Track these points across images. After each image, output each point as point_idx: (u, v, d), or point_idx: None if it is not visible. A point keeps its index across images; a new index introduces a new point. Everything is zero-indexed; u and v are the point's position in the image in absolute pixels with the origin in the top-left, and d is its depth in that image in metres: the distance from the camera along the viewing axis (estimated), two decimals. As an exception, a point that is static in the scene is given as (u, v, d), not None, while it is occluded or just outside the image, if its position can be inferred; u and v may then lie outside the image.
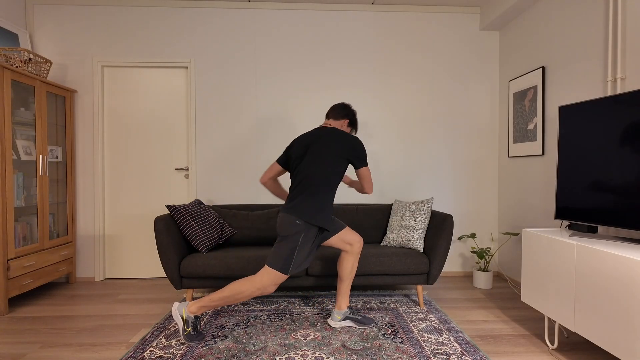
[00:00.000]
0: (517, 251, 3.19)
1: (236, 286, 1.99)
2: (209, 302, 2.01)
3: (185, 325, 2.04)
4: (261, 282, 1.98)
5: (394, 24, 3.46)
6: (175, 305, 2.06)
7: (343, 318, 2.29)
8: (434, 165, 3.50)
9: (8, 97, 2.56)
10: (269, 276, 1.98)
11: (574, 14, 2.54)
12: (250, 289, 1.98)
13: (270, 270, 1.98)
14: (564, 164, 2.15)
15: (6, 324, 2.40)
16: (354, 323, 2.29)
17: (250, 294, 1.99)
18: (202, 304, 2.02)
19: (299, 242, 1.98)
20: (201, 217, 2.67)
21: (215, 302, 2.01)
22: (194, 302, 2.05)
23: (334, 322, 2.29)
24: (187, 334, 2.05)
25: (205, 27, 3.38)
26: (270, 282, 1.99)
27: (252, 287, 1.98)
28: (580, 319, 1.77)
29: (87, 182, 3.36)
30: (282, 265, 1.97)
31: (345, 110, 2.28)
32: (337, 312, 2.30)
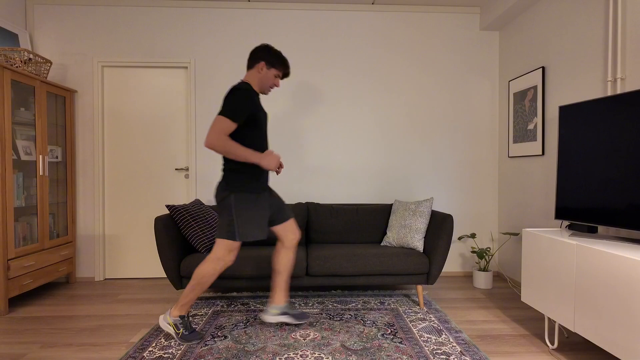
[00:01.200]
0: (517, 251, 3.19)
1: (198, 271, 2.03)
2: (184, 298, 2.06)
3: (175, 329, 2.07)
4: (215, 254, 2.01)
5: (394, 24, 3.46)
6: (160, 320, 2.11)
7: (280, 312, 2.23)
8: (434, 165, 3.49)
9: (8, 97, 2.57)
10: (219, 247, 2.01)
11: (574, 14, 2.54)
12: (210, 266, 2.02)
13: (219, 241, 2.01)
14: (564, 164, 2.15)
15: (6, 324, 2.40)
16: (290, 318, 2.23)
17: (214, 271, 2.02)
18: (180, 303, 2.08)
19: (232, 208, 1.98)
20: (201, 217, 2.67)
21: (190, 295, 2.05)
22: (174, 306, 2.10)
23: (268, 317, 2.22)
24: (180, 335, 2.07)
25: (205, 27, 3.38)
26: (224, 252, 2.01)
27: (210, 264, 2.02)
28: (580, 319, 1.77)
29: (87, 182, 3.36)
30: (227, 233, 1.99)
31: (259, 52, 2.05)
32: (272, 306, 2.24)
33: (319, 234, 3.05)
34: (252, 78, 2.08)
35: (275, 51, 2.08)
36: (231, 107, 1.89)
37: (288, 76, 2.19)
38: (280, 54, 2.09)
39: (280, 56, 2.08)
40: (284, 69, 2.11)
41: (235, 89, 1.94)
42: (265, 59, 2.05)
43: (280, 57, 2.08)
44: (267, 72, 2.06)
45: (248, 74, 2.09)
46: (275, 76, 2.10)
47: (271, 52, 2.06)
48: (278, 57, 2.07)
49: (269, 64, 2.05)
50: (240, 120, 1.92)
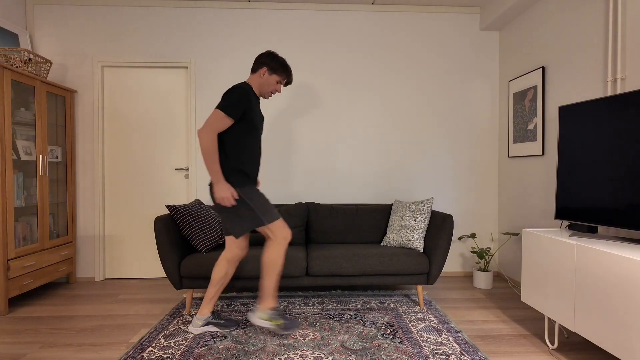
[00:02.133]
0: (517, 251, 3.19)
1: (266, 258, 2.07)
2: (268, 289, 2.11)
3: (274, 321, 2.10)
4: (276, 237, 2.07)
5: (394, 24, 3.46)
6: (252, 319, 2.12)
7: (204, 323, 2.22)
8: (434, 165, 3.49)
9: (8, 97, 2.57)
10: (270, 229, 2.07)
11: (574, 13, 2.54)
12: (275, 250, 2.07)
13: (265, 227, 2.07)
14: (564, 164, 2.15)
15: (6, 324, 2.40)
16: (216, 327, 2.23)
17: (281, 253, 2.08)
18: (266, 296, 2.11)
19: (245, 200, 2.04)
20: (201, 217, 2.67)
21: (270, 283, 2.09)
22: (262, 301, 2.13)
23: (194, 328, 2.21)
24: (283, 326, 2.10)
25: (205, 27, 3.38)
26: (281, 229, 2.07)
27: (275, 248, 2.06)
28: (580, 319, 1.77)
29: (87, 182, 3.36)
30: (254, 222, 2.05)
31: (262, 57, 2.13)
32: (197, 318, 2.22)
33: (319, 234, 3.05)
34: (254, 81, 2.15)
35: (279, 58, 2.14)
36: (228, 103, 1.96)
37: (290, 84, 2.26)
38: (284, 62, 2.15)
39: (284, 64, 2.14)
40: (287, 77, 2.17)
41: (235, 87, 2.02)
42: (268, 64, 2.11)
43: (283, 65, 2.13)
44: (268, 77, 2.12)
45: (250, 77, 2.17)
46: (277, 82, 2.15)
47: (275, 58, 2.12)
48: (281, 64, 2.13)
49: (271, 69, 2.12)
50: (236, 116, 1.98)
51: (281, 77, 2.16)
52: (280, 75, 2.15)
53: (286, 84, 2.22)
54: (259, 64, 2.13)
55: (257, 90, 2.17)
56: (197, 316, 2.22)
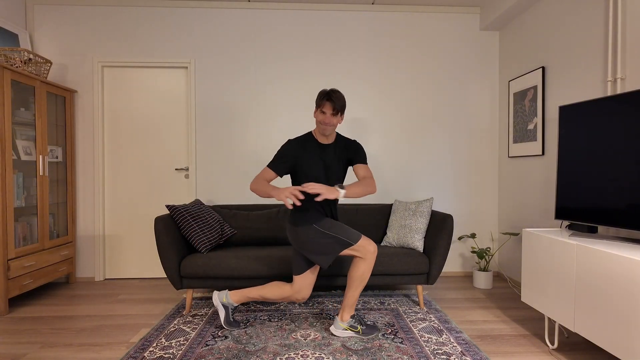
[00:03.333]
0: (517, 251, 3.19)
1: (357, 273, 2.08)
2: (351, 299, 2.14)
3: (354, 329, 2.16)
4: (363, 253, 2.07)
5: (394, 24, 3.46)
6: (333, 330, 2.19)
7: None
8: (434, 165, 3.50)
9: (8, 97, 2.56)
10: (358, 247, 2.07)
11: (574, 14, 2.54)
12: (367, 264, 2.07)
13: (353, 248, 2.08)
14: (564, 164, 2.15)
15: (6, 324, 2.40)
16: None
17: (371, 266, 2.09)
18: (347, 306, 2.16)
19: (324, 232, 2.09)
20: (201, 217, 2.67)
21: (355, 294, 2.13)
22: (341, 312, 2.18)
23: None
24: (362, 332, 2.16)
25: (205, 27, 3.38)
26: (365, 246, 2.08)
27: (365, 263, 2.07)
28: (580, 319, 1.77)
29: (87, 182, 3.36)
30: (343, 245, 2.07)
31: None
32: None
33: (319, 234, 3.04)
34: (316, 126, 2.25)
35: (319, 93, 2.09)
36: (273, 158, 2.12)
37: (329, 100, 2.03)
38: (321, 91, 2.09)
39: (320, 93, 2.08)
40: (320, 100, 2.06)
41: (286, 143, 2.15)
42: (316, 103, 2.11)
43: (319, 94, 2.08)
44: (316, 115, 2.10)
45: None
46: (321, 112, 2.05)
47: (318, 94, 2.10)
48: (319, 95, 2.08)
49: (316, 106, 2.10)
50: (279, 172, 2.09)
51: (321, 106, 2.05)
52: (319, 105, 2.06)
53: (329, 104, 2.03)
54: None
55: (316, 134, 2.15)
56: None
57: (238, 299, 2.24)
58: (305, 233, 2.07)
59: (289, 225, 2.16)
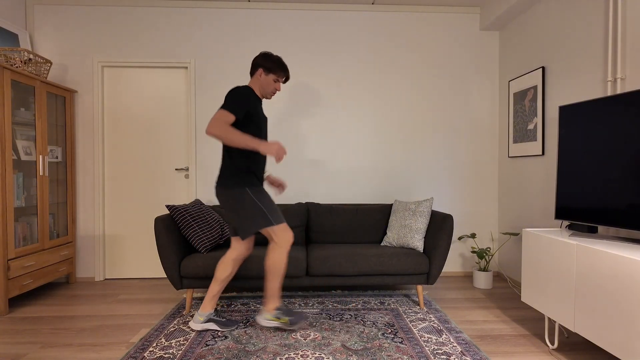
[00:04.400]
0: (517, 251, 3.19)
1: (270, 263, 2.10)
2: (271, 291, 2.15)
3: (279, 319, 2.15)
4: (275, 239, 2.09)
5: (394, 24, 3.46)
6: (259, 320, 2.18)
7: (205, 319, 2.23)
8: (434, 165, 3.50)
9: (8, 97, 2.56)
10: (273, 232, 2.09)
11: (574, 14, 2.54)
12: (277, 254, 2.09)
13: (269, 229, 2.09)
14: (564, 164, 2.15)
15: (6, 324, 2.40)
16: (216, 325, 2.24)
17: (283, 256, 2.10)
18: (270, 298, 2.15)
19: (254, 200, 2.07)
20: (201, 217, 2.67)
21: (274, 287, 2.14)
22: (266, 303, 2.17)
23: (195, 323, 2.22)
24: (289, 322, 2.15)
25: (205, 27, 3.38)
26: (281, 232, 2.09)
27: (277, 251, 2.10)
28: (580, 319, 1.77)
29: (87, 182, 3.36)
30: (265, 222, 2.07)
31: (256, 59, 2.16)
32: (200, 313, 2.24)
33: (319, 234, 3.05)
34: (254, 84, 2.19)
35: (273, 57, 2.16)
36: (231, 102, 2.00)
37: (288, 79, 2.28)
38: (279, 60, 2.17)
39: (278, 61, 2.16)
40: (283, 74, 2.20)
41: (236, 88, 2.06)
42: (263, 65, 2.15)
43: (277, 62, 2.16)
44: (265, 77, 2.16)
45: (250, 81, 2.22)
46: (275, 81, 2.18)
47: (268, 58, 2.15)
48: (275, 63, 2.15)
49: (267, 70, 2.15)
50: (240, 115, 2.00)
51: (278, 75, 2.18)
52: (276, 74, 2.17)
53: (285, 80, 2.24)
54: (255, 66, 2.17)
55: (258, 93, 2.20)
56: (200, 312, 2.24)
57: (210, 306, 2.21)
58: (238, 197, 2.05)
59: (221, 189, 2.09)
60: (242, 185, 2.07)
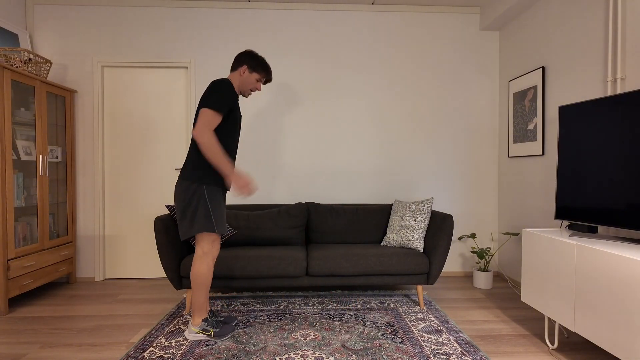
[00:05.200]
0: (517, 251, 3.19)
1: (193, 273, 2.09)
2: (196, 304, 2.10)
3: (206, 333, 2.11)
4: (201, 249, 2.06)
5: (394, 24, 3.46)
6: (186, 335, 2.13)
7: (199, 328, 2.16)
8: (434, 165, 3.49)
9: (8, 97, 2.56)
10: (202, 241, 2.05)
11: (574, 14, 2.54)
12: (202, 264, 2.06)
13: (199, 236, 2.05)
14: (564, 164, 2.15)
15: (6, 324, 2.40)
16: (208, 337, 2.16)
17: (208, 267, 2.07)
18: (195, 311, 2.11)
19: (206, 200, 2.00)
20: (201, 217, 2.66)
21: (199, 299, 2.10)
22: (192, 317, 2.13)
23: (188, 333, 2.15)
24: (214, 335, 2.11)
25: (205, 27, 3.38)
26: (208, 244, 2.06)
27: (201, 262, 2.06)
28: (580, 319, 1.77)
29: (87, 182, 3.36)
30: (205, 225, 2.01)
31: (242, 56, 2.13)
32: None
33: (319, 234, 3.05)
34: (234, 79, 2.16)
35: (258, 57, 2.16)
36: (216, 99, 1.95)
37: (270, 81, 2.27)
38: (263, 60, 2.18)
39: (263, 62, 2.17)
40: (266, 75, 2.20)
41: (219, 82, 2.01)
42: (248, 63, 2.14)
43: (262, 63, 2.16)
44: (248, 75, 2.15)
45: (230, 75, 2.18)
46: (257, 80, 2.18)
47: (254, 57, 2.15)
48: (260, 63, 2.15)
49: (251, 68, 2.14)
50: (225, 112, 1.98)
51: (261, 75, 2.17)
52: (259, 74, 2.16)
53: (265, 81, 2.24)
54: (239, 62, 2.14)
55: (237, 89, 2.18)
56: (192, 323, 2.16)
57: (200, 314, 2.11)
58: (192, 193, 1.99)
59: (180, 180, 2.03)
60: (201, 181, 2.00)
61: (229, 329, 2.15)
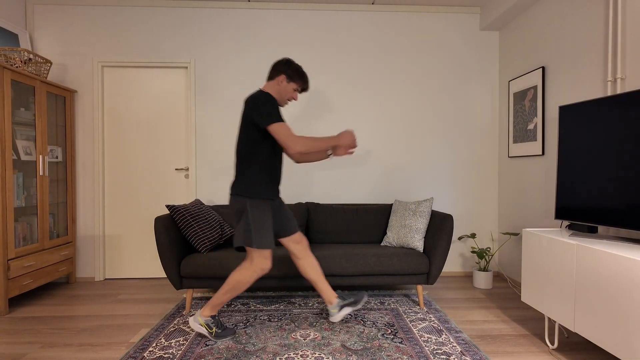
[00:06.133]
0: (517, 251, 3.19)
1: (235, 277, 2.05)
2: (217, 299, 2.08)
3: (208, 328, 2.10)
4: (253, 265, 2.02)
5: (394, 24, 3.46)
6: (190, 321, 2.11)
7: (339, 309, 2.21)
8: (434, 165, 3.49)
9: (8, 97, 2.56)
10: (257, 255, 2.02)
11: (574, 14, 2.54)
12: (247, 274, 2.03)
13: (252, 251, 2.01)
14: (564, 164, 2.15)
15: (6, 324, 2.40)
16: (350, 307, 2.22)
17: (250, 278, 2.04)
18: (211, 304, 2.09)
19: (247, 214, 1.98)
20: (201, 217, 2.67)
21: (222, 298, 2.07)
22: (204, 306, 2.11)
23: (334, 317, 2.22)
24: (214, 334, 2.10)
25: (205, 27, 3.38)
26: (262, 260, 2.02)
27: (247, 272, 2.03)
28: (580, 319, 1.77)
29: (87, 182, 3.36)
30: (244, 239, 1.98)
31: (280, 65, 2.09)
32: (331, 308, 2.23)
33: (319, 234, 3.05)
34: (271, 89, 2.11)
35: (296, 66, 2.11)
36: (274, 112, 1.93)
37: (307, 91, 2.22)
38: (301, 69, 2.13)
39: (301, 71, 2.12)
40: (303, 84, 2.15)
41: (264, 95, 1.96)
42: (286, 72, 2.08)
43: (300, 72, 2.11)
44: (286, 85, 2.10)
45: (267, 84, 2.12)
46: (294, 90, 2.13)
47: (292, 66, 2.10)
48: (298, 72, 2.11)
49: (289, 77, 2.09)
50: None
51: (298, 85, 2.13)
52: (297, 83, 2.12)
53: (302, 90, 2.19)
54: (277, 71, 2.09)
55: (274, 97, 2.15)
56: (330, 306, 2.22)
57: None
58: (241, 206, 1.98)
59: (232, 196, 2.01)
60: (249, 196, 1.99)
61: (229, 333, 2.16)
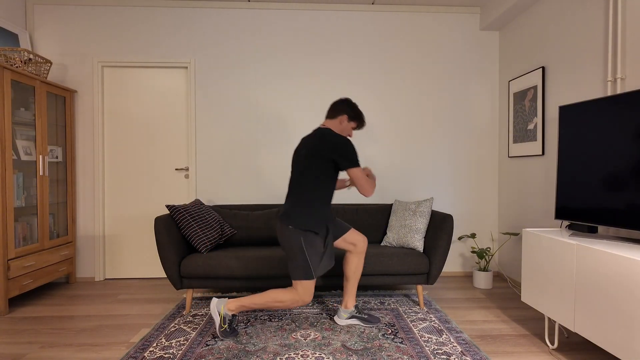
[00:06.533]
0: (517, 251, 3.19)
1: (277, 295, 2.06)
2: (249, 303, 2.09)
3: (222, 321, 2.12)
4: (298, 294, 2.03)
5: (394, 24, 3.46)
6: (213, 302, 2.14)
7: (349, 317, 2.32)
8: (434, 165, 3.50)
9: (8, 97, 2.56)
10: (301, 287, 2.03)
11: (574, 14, 2.54)
12: (289, 300, 2.05)
13: (297, 283, 2.03)
14: (564, 164, 2.15)
15: (6, 324, 2.40)
16: (359, 321, 2.32)
17: (290, 304, 2.06)
18: (241, 303, 2.10)
19: (303, 246, 2.00)
20: (201, 217, 2.67)
21: (253, 306, 2.09)
22: (234, 300, 2.12)
23: (340, 320, 2.33)
24: (223, 330, 2.12)
25: (205, 27, 3.38)
26: (305, 292, 2.04)
27: (290, 296, 2.04)
28: (580, 319, 1.77)
29: (87, 182, 3.36)
30: (305, 274, 2.01)
31: (342, 105, 2.18)
32: (343, 311, 2.33)
33: (319, 234, 3.04)
34: (334, 127, 2.20)
35: (356, 107, 2.22)
36: (354, 157, 2.03)
37: (361, 128, 2.34)
38: (358, 109, 2.23)
39: (359, 112, 2.23)
40: (361, 124, 2.26)
41: (343, 139, 2.05)
42: (348, 113, 2.18)
43: (359, 113, 2.23)
44: (347, 124, 2.20)
45: (329, 122, 2.20)
46: (353, 128, 2.25)
47: (354, 108, 2.21)
48: (358, 114, 2.22)
49: (350, 118, 2.19)
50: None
51: (356, 124, 2.24)
52: (356, 122, 2.23)
53: (356, 128, 2.29)
54: (338, 111, 2.17)
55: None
56: (342, 309, 2.33)
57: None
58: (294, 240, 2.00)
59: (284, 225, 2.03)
60: (305, 229, 2.00)
61: (233, 335, 2.17)
